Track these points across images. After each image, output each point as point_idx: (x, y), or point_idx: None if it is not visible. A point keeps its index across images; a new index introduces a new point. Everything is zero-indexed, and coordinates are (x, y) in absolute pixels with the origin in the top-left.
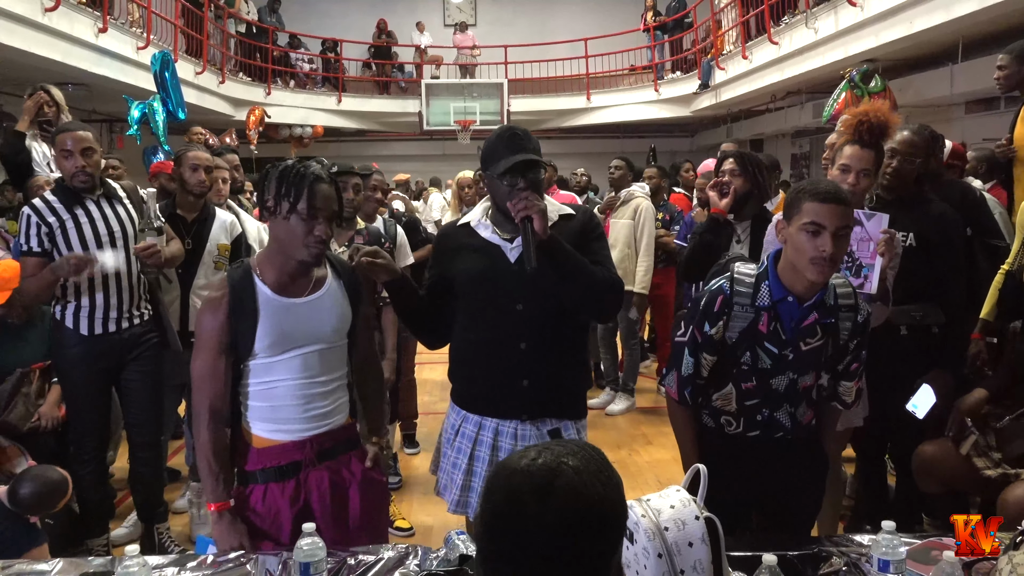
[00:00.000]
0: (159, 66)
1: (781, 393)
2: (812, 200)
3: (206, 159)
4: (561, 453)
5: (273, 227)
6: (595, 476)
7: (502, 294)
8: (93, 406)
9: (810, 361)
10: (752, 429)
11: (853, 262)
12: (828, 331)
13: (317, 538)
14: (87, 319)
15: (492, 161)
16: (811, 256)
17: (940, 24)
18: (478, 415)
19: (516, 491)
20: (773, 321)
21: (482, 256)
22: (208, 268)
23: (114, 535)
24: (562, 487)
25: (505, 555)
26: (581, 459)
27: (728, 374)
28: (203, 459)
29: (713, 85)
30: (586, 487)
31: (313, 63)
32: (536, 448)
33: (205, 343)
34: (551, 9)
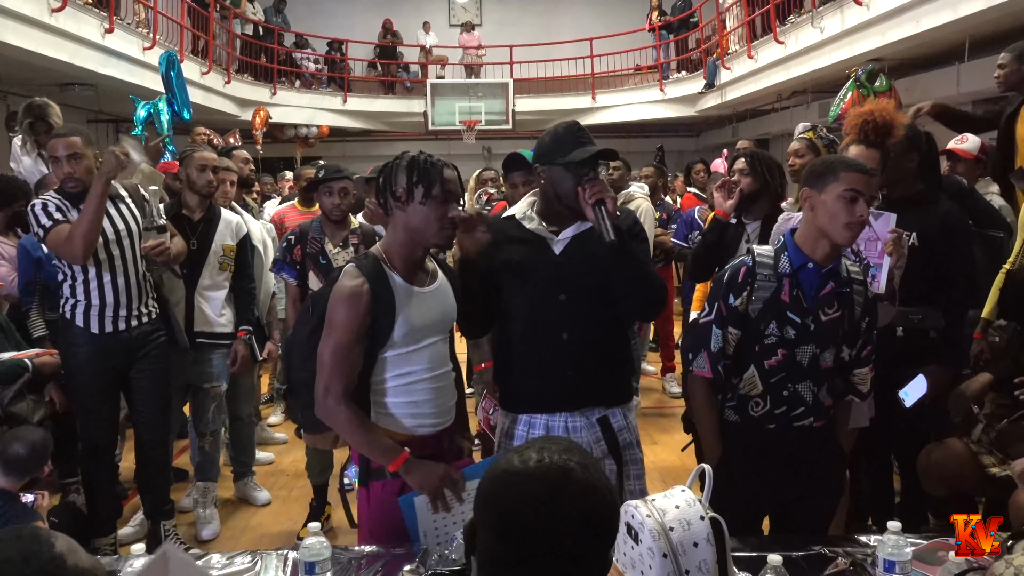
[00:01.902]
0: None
1: (805, 367)
2: (850, 170)
3: (213, 159)
4: (560, 450)
5: (405, 216)
6: (597, 470)
7: (545, 284)
8: (102, 405)
9: (830, 334)
10: (779, 405)
11: (861, 262)
12: (844, 303)
13: (323, 537)
14: (97, 317)
15: (560, 152)
16: (847, 221)
17: (947, 23)
18: (526, 414)
19: (530, 494)
20: (795, 288)
21: (527, 248)
22: (213, 269)
23: (120, 534)
24: (576, 483)
25: (524, 558)
26: (579, 454)
27: (750, 355)
28: (358, 432)
29: (719, 85)
30: (594, 482)
31: (319, 63)
32: (532, 448)
33: (343, 330)
34: (556, 9)
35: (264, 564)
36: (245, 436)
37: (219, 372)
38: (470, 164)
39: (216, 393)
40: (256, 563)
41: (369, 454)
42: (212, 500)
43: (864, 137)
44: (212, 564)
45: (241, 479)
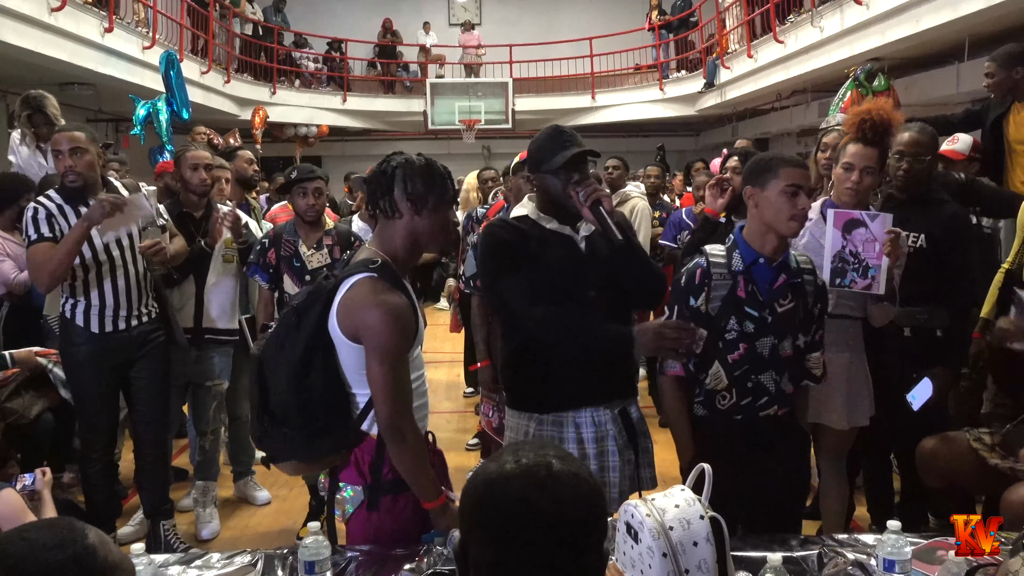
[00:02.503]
0: (165, 66)
1: (766, 358)
2: (789, 166)
3: (206, 158)
4: (534, 449)
5: (414, 221)
6: (574, 460)
7: (579, 282)
8: (102, 404)
9: (787, 324)
10: (744, 397)
11: (859, 263)
12: (797, 293)
13: (322, 537)
14: (97, 317)
15: (544, 160)
16: (791, 214)
17: (946, 23)
18: (553, 413)
19: (520, 493)
20: (749, 284)
21: (556, 247)
22: (218, 263)
23: (120, 533)
24: (561, 474)
25: (524, 560)
26: (553, 449)
27: (713, 352)
28: (420, 457)
29: (718, 84)
30: (576, 470)
31: (318, 63)
32: (506, 453)
33: (402, 350)
34: (556, 8)
35: (264, 563)
36: (244, 435)
37: (220, 370)
38: (470, 164)
39: (217, 391)
40: (256, 562)
41: (417, 483)
42: (212, 499)
43: (862, 135)
44: (212, 563)
45: (241, 478)
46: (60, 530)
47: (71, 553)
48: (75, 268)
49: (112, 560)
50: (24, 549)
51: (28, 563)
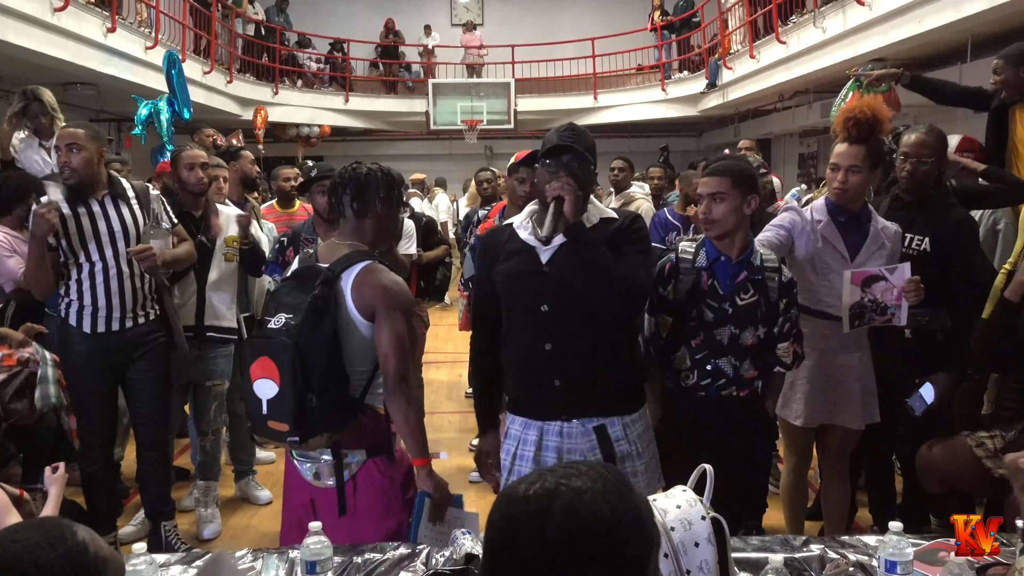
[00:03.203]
0: (167, 65)
1: (725, 345)
2: (702, 176)
3: (201, 157)
4: (564, 475)
5: (379, 219)
6: (601, 496)
7: (529, 295)
8: (99, 404)
9: (747, 316)
10: (704, 378)
11: (878, 305)
12: (759, 288)
13: (323, 536)
14: (90, 318)
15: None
16: (701, 218)
17: (949, 23)
18: (523, 417)
19: (513, 519)
20: (711, 279)
21: (517, 258)
22: (219, 261)
23: (121, 533)
24: (560, 509)
25: None
26: (588, 479)
27: (680, 337)
28: (421, 415)
29: (720, 85)
30: (587, 507)
31: (320, 63)
32: (539, 473)
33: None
34: (558, 9)
35: (265, 563)
36: (244, 434)
37: (222, 369)
38: (472, 164)
39: (218, 391)
40: (257, 562)
41: (413, 436)
42: (213, 499)
43: (848, 134)
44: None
45: (242, 478)
46: (49, 529)
47: (63, 551)
48: (69, 269)
49: (103, 555)
50: (17, 550)
51: (24, 563)
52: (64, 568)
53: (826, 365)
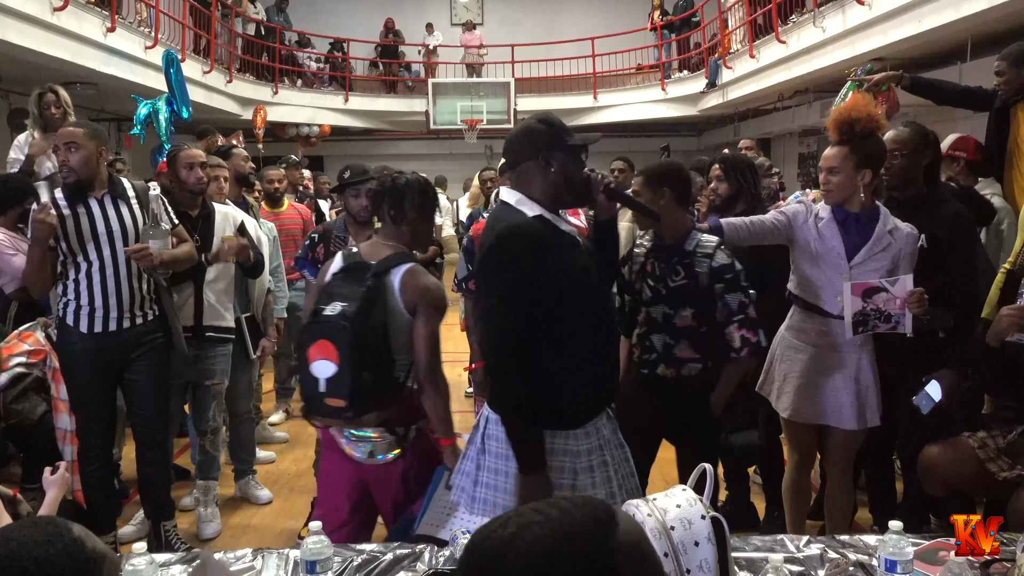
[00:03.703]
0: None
1: (659, 323)
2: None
3: (200, 156)
4: (523, 524)
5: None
6: (552, 555)
7: (599, 285)
8: (98, 404)
9: (680, 297)
10: (644, 353)
11: (881, 314)
12: (688, 271)
13: (323, 536)
14: (87, 318)
15: (567, 136)
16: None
17: (949, 23)
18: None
19: (467, 564)
20: (652, 261)
21: (576, 250)
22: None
23: (121, 533)
24: (510, 562)
25: None
26: (548, 530)
27: (632, 314)
28: (447, 406)
29: (720, 84)
30: (537, 565)
31: (320, 62)
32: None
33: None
34: (558, 8)
35: (265, 563)
36: (244, 433)
37: (221, 368)
38: (472, 164)
39: (217, 390)
40: (257, 562)
41: (442, 421)
42: (213, 499)
43: (832, 136)
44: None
45: (242, 478)
46: (45, 527)
47: (61, 547)
48: (66, 268)
49: (100, 551)
50: (16, 548)
51: (24, 560)
52: (63, 563)
53: (820, 362)
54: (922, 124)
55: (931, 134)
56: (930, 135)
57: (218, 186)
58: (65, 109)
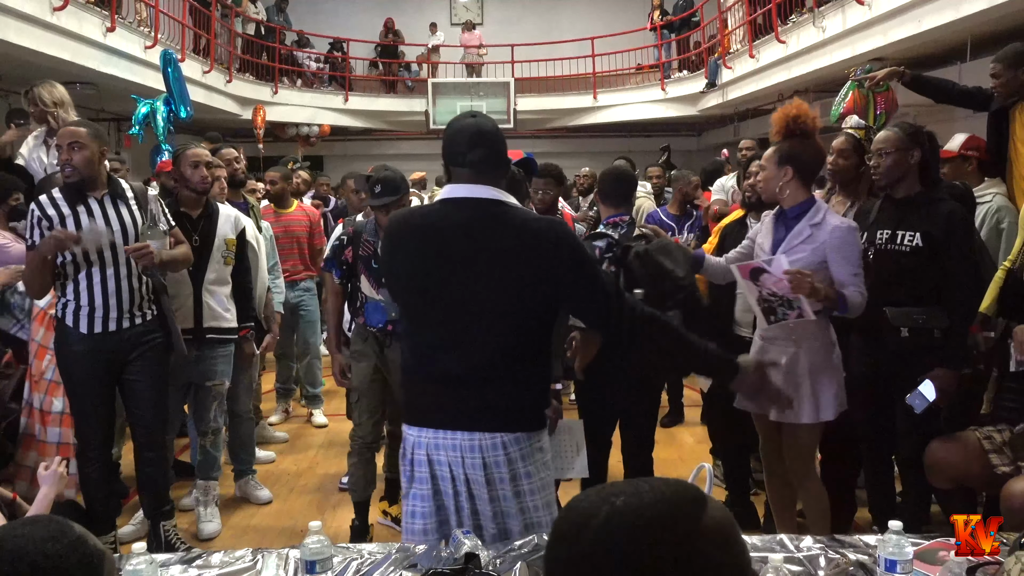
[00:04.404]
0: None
1: None
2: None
3: (205, 156)
4: (619, 492)
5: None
6: (637, 526)
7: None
8: (96, 404)
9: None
10: None
11: (781, 300)
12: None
13: (324, 536)
14: (87, 318)
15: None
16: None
17: (949, 23)
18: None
19: (563, 519)
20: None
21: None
22: (217, 263)
23: (121, 532)
24: (596, 526)
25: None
26: (637, 501)
27: None
28: None
29: (720, 84)
30: (620, 533)
31: (320, 62)
32: (603, 486)
33: None
34: (558, 8)
35: (265, 563)
36: (244, 433)
37: (222, 369)
38: None
39: (218, 391)
40: (257, 562)
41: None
42: (213, 499)
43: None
44: (213, 563)
45: (242, 477)
46: (46, 524)
47: (67, 543)
48: (66, 268)
49: (99, 548)
50: (23, 543)
51: (32, 554)
52: (70, 557)
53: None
54: (919, 124)
55: (922, 134)
56: (920, 135)
57: (220, 186)
58: (42, 108)
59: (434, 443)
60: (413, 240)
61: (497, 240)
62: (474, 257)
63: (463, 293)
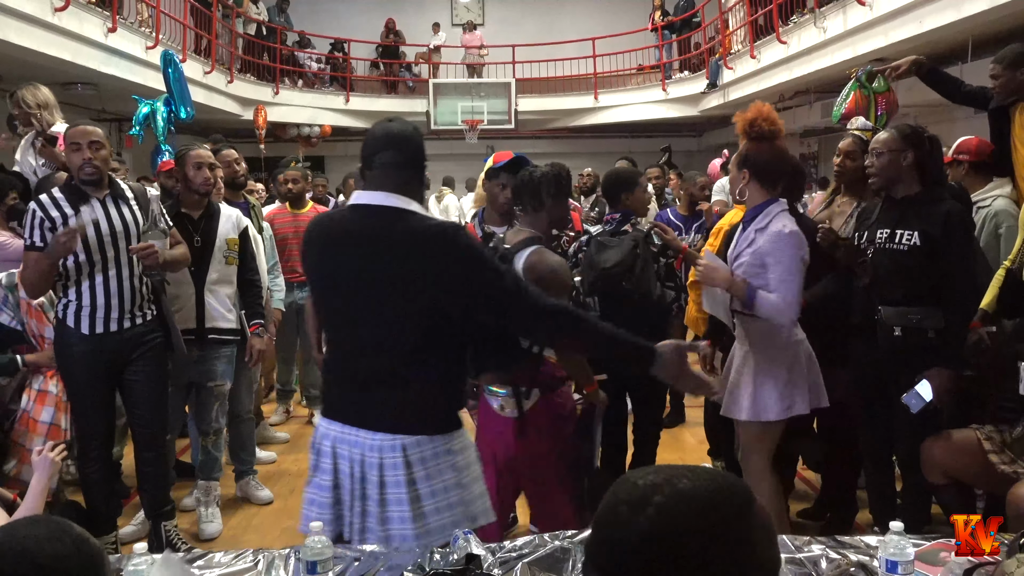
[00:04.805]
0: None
1: None
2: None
3: (209, 157)
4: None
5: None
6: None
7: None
8: (97, 404)
9: None
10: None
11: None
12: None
13: (324, 536)
14: (88, 318)
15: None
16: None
17: (950, 23)
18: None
19: (619, 497)
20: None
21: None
22: (219, 263)
23: (122, 532)
24: (658, 504)
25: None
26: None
27: None
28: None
29: (721, 85)
30: (680, 515)
31: (321, 63)
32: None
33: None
34: (559, 9)
35: (266, 563)
36: (245, 433)
37: (223, 370)
38: (473, 164)
39: (219, 392)
40: (258, 562)
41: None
42: (215, 499)
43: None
44: (214, 563)
45: (243, 478)
46: (48, 524)
47: (70, 541)
48: (67, 269)
49: (100, 547)
50: (29, 543)
51: (42, 555)
52: (74, 558)
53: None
54: (918, 125)
55: (920, 135)
56: (916, 136)
57: (219, 187)
58: (26, 111)
59: (340, 437)
60: (322, 243)
61: (391, 246)
62: (371, 262)
63: (363, 297)
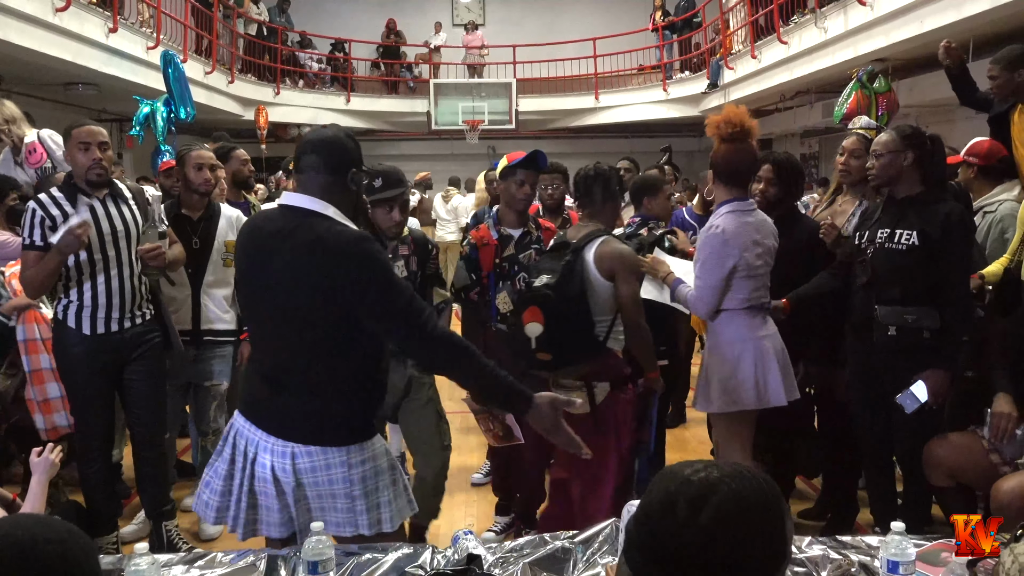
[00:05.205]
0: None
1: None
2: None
3: (209, 158)
4: (728, 474)
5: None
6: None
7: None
8: (97, 405)
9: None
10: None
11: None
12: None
13: (325, 536)
14: (89, 319)
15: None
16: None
17: (951, 23)
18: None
19: (673, 494)
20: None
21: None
22: (217, 265)
23: (123, 533)
24: (716, 502)
25: (648, 552)
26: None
27: None
28: (651, 347)
29: (722, 85)
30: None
31: (322, 63)
32: (705, 463)
33: (639, 277)
34: (560, 9)
35: (267, 563)
36: None
37: (220, 370)
38: (474, 164)
39: (217, 392)
40: (259, 562)
41: (648, 358)
42: None
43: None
44: (215, 563)
45: None
46: (49, 523)
47: (67, 537)
48: (68, 269)
49: (89, 539)
50: (30, 538)
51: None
52: (75, 555)
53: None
54: (919, 126)
55: (920, 136)
56: (917, 137)
57: (221, 187)
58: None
59: (244, 431)
60: (245, 241)
61: (296, 250)
62: (277, 264)
63: (269, 299)
